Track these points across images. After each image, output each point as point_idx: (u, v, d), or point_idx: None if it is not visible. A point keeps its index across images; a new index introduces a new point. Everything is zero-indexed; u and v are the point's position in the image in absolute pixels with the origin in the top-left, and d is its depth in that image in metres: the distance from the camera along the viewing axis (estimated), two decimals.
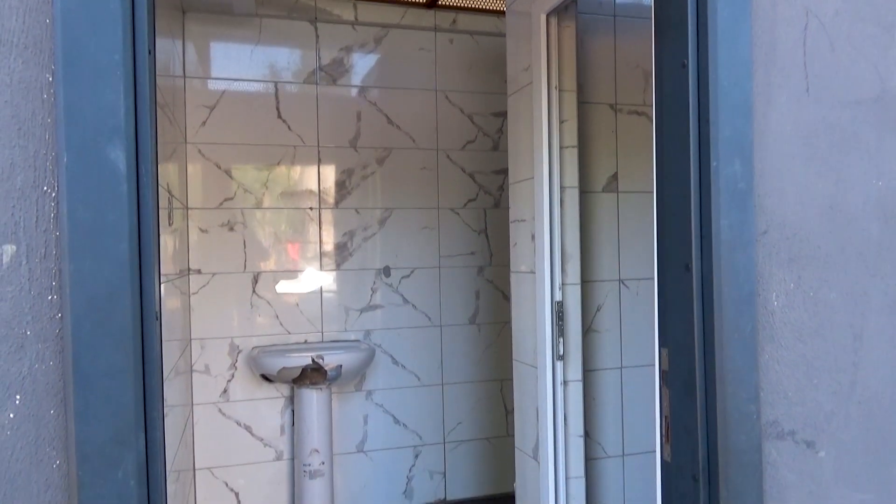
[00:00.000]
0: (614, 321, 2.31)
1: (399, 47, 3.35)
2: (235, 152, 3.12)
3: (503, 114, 3.46)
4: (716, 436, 1.13)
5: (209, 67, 3.10)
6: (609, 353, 2.30)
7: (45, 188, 0.86)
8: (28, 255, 0.86)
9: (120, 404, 0.86)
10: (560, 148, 2.10)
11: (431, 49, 3.41)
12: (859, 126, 1.21)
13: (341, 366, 2.94)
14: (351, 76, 3.29)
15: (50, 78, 0.86)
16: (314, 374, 2.92)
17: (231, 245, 3.12)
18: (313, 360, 2.89)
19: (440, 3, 3.35)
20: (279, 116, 3.18)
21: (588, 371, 2.25)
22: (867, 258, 1.21)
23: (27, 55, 0.86)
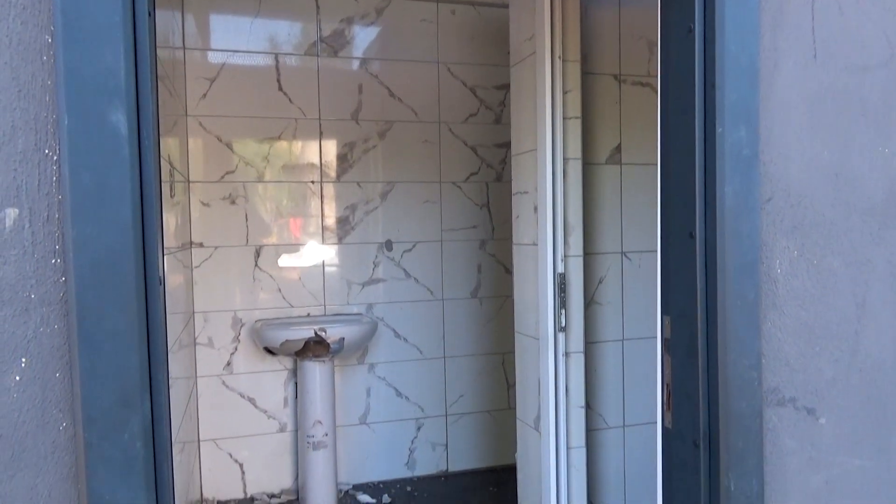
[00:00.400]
0: (616, 294, 2.31)
1: (400, 18, 3.31)
2: (236, 125, 3.10)
3: (506, 86, 3.43)
4: (717, 402, 1.13)
5: (209, 39, 3.07)
6: (611, 326, 2.31)
7: (47, 151, 0.86)
8: (31, 219, 0.86)
9: (125, 367, 0.86)
10: (563, 119, 2.09)
11: (433, 20, 3.37)
12: (867, 92, 1.19)
13: (344, 339, 2.95)
14: (352, 48, 3.26)
15: (49, 39, 0.85)
16: (317, 347, 2.93)
17: (233, 219, 3.11)
18: (316, 333, 2.90)
19: None
20: (280, 89, 3.15)
21: (590, 343, 2.26)
22: (871, 226, 1.20)
23: (26, 16, 0.85)
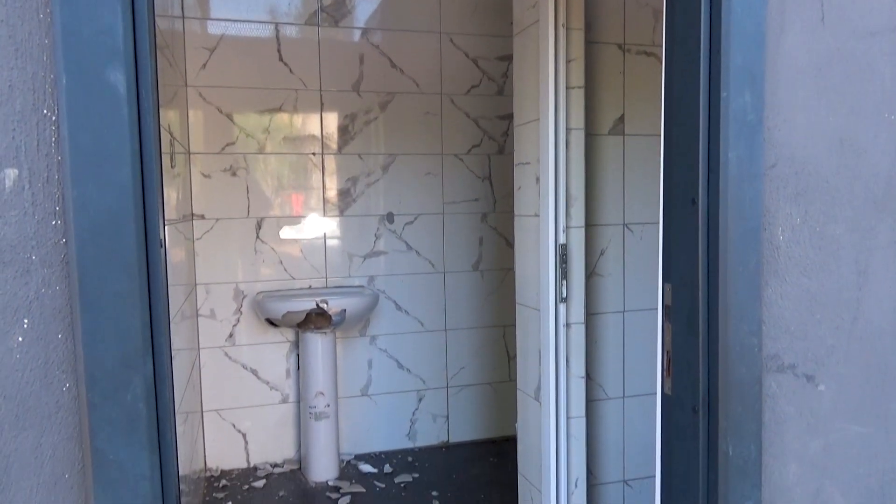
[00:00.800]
0: (618, 265, 2.31)
1: None
2: (237, 96, 3.07)
3: (508, 57, 3.39)
4: (717, 369, 1.14)
5: (208, 8, 3.03)
6: (612, 297, 2.31)
7: (45, 111, 0.85)
8: (31, 180, 0.85)
9: (127, 328, 0.87)
10: (566, 88, 2.07)
11: None
12: (874, 58, 1.18)
13: (345, 310, 2.96)
14: (353, 18, 3.22)
15: None
16: (318, 319, 2.95)
17: (234, 191, 3.11)
18: (317, 305, 2.91)
19: None
20: (280, 59, 3.12)
21: (591, 314, 2.26)
22: (876, 193, 1.20)
23: None
